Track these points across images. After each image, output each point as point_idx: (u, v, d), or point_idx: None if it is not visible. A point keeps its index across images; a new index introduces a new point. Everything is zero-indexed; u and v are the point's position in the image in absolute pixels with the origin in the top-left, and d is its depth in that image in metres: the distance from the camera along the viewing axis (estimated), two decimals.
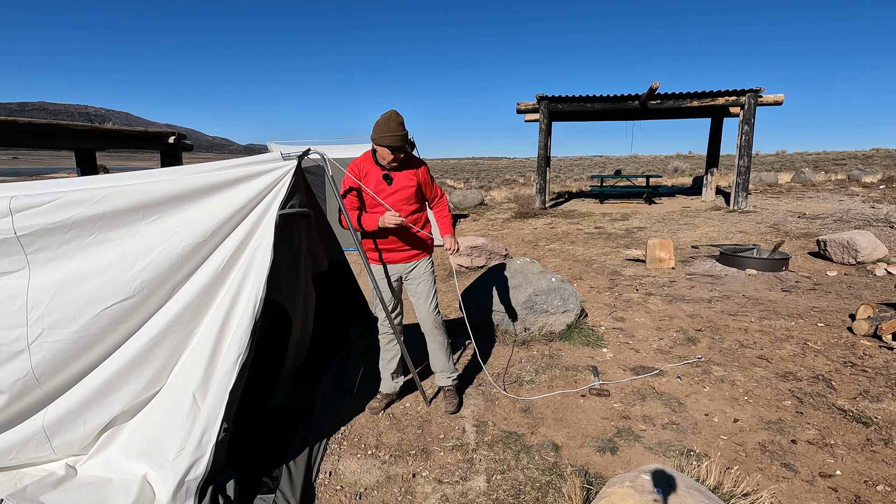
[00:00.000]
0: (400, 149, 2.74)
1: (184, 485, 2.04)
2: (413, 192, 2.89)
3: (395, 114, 2.70)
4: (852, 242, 6.33)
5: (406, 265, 3.01)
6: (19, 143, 5.68)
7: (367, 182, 2.83)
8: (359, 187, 2.83)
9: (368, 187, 2.81)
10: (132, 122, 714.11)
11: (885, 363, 3.49)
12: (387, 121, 2.69)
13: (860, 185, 13.82)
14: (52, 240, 2.13)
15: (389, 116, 2.69)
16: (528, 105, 12.24)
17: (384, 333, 3.08)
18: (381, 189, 2.83)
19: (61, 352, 2.14)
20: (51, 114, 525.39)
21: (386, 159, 2.77)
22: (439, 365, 3.14)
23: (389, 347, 3.10)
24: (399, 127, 2.70)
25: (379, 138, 2.70)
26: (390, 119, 2.69)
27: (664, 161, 40.18)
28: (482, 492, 2.35)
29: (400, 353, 3.08)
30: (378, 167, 2.84)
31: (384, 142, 2.70)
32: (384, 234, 2.88)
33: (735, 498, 2.11)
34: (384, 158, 2.77)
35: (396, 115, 2.70)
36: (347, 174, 2.83)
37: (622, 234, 9.31)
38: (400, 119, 2.71)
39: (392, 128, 2.68)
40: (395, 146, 2.71)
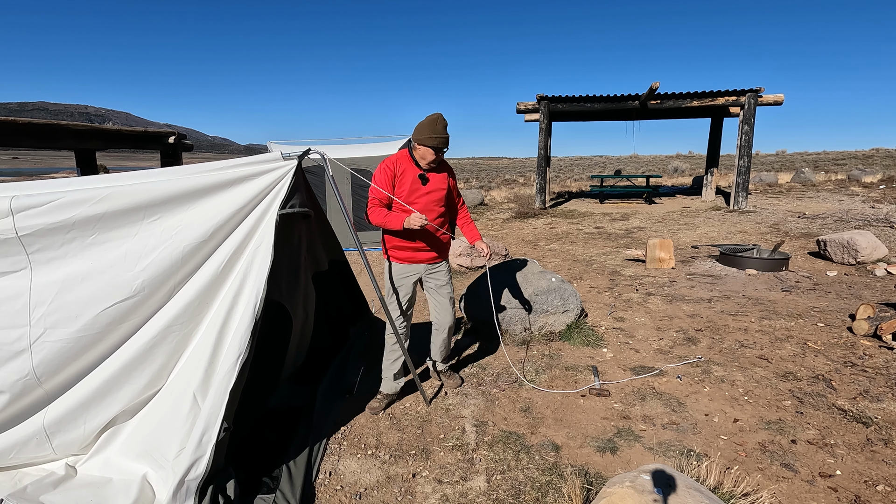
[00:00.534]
0: (442, 150, 2.85)
1: (184, 484, 2.04)
2: (444, 194, 2.98)
3: (441, 116, 2.82)
4: (852, 242, 6.33)
5: (428, 266, 3.07)
6: (19, 143, 5.68)
7: (402, 180, 2.89)
8: (391, 183, 2.88)
9: (404, 185, 2.88)
10: (132, 122, 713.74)
11: (885, 363, 3.49)
12: (433, 122, 2.80)
13: (860, 185, 13.82)
14: (53, 240, 2.13)
15: (436, 119, 2.81)
16: (528, 105, 12.24)
17: (391, 334, 3.08)
18: (416, 188, 2.90)
19: (62, 351, 2.14)
20: (51, 114, 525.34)
21: (426, 159, 2.86)
22: (442, 355, 3.31)
23: (395, 348, 3.09)
24: (444, 129, 2.81)
25: (424, 138, 2.79)
26: (437, 121, 2.80)
27: (664, 161, 40.18)
28: (482, 492, 2.35)
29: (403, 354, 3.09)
30: (415, 167, 2.91)
31: (429, 142, 2.79)
32: (413, 235, 2.92)
33: (735, 498, 2.11)
34: (424, 158, 2.86)
35: (442, 118, 2.82)
36: (382, 170, 2.88)
37: (622, 234, 9.31)
38: (445, 122, 2.83)
39: (438, 129, 2.79)
40: (439, 147, 2.81)
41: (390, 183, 2.87)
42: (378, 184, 2.86)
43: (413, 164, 2.91)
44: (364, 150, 8.76)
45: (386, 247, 3.01)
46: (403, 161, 2.91)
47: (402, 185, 2.88)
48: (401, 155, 2.94)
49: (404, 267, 3.02)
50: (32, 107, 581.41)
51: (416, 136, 2.83)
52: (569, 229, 9.98)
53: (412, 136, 2.86)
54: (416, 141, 2.84)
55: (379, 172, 2.89)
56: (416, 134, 2.83)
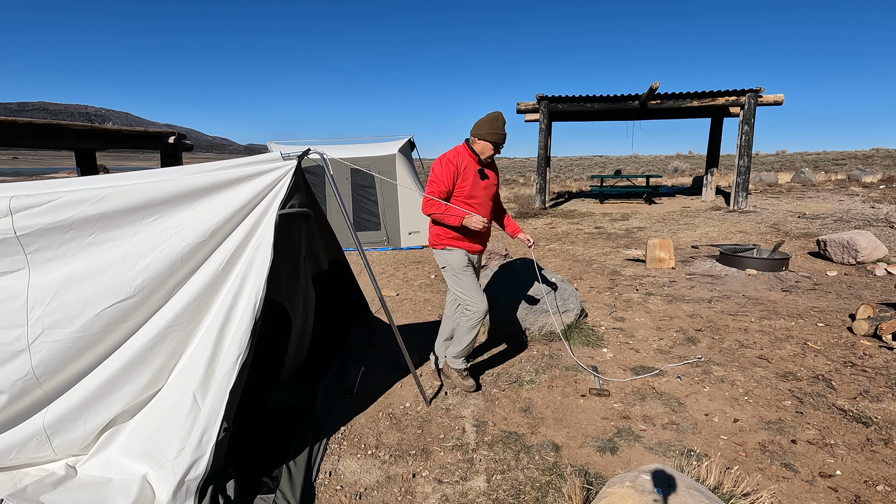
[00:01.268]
0: (500, 146, 3.02)
1: (184, 484, 2.04)
2: (496, 189, 3.19)
3: (501, 115, 3.00)
4: (852, 242, 6.33)
5: (477, 255, 3.25)
6: (19, 143, 5.68)
7: (466, 174, 3.02)
8: (453, 178, 3.00)
9: (467, 179, 3.02)
10: (132, 122, 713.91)
11: (885, 363, 3.49)
12: (494, 119, 2.97)
13: (860, 185, 13.82)
14: (52, 240, 2.13)
15: (496, 116, 2.98)
16: (528, 105, 12.24)
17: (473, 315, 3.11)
18: (476, 183, 3.05)
19: (62, 351, 2.14)
20: (51, 114, 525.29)
21: (485, 154, 3.02)
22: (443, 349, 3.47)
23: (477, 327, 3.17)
24: (503, 126, 2.99)
25: (486, 134, 2.97)
26: (497, 118, 2.97)
27: (664, 161, 40.18)
28: (482, 492, 2.35)
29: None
30: (475, 162, 3.04)
31: (490, 138, 2.97)
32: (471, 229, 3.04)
33: (735, 498, 2.11)
34: (483, 153, 3.02)
35: (502, 116, 2.99)
36: (445, 164, 2.99)
37: (622, 234, 9.31)
38: (504, 120, 3.00)
39: (498, 126, 2.97)
40: (498, 143, 2.99)
41: (453, 177, 2.99)
42: (440, 178, 2.98)
43: (473, 160, 3.04)
44: (364, 150, 8.76)
45: (443, 237, 3.10)
46: (464, 156, 3.04)
47: (465, 179, 3.01)
48: (460, 150, 3.06)
49: (465, 254, 3.13)
50: (32, 107, 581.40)
51: (477, 132, 2.99)
52: (569, 229, 9.98)
53: (472, 132, 3.03)
54: (476, 136, 3.01)
55: (440, 166, 3.00)
56: (476, 129, 3.00)
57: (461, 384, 3.27)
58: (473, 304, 3.10)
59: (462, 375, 3.29)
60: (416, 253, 8.34)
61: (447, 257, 3.12)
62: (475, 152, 3.03)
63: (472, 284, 3.11)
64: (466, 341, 3.20)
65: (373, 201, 8.63)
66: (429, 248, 8.62)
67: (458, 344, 3.24)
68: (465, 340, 3.20)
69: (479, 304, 3.10)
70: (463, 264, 3.10)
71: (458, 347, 3.24)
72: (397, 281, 6.51)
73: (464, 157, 3.03)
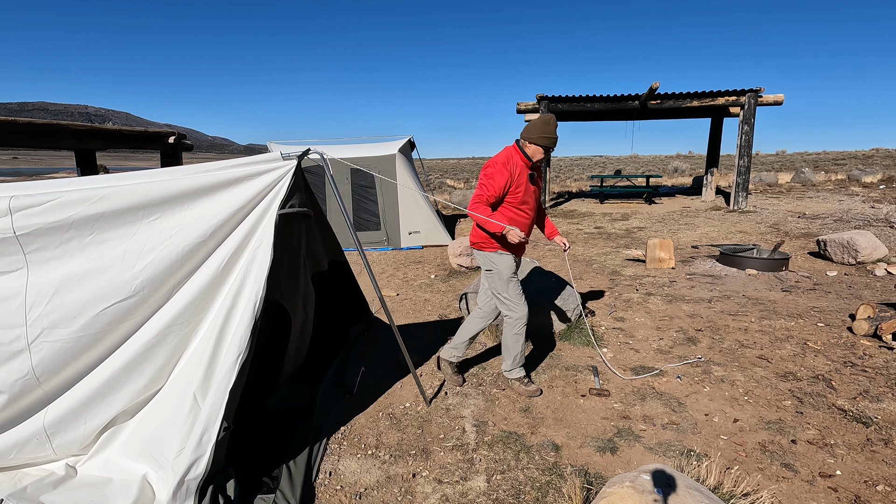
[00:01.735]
0: (550, 150, 3.03)
1: (184, 484, 2.04)
2: (539, 195, 3.19)
3: (553, 118, 3.00)
4: (852, 242, 6.33)
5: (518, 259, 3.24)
6: (19, 143, 5.68)
7: (519, 181, 3.01)
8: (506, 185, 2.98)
9: (521, 185, 3.02)
10: (132, 122, 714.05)
11: (885, 363, 3.49)
12: (546, 123, 2.96)
13: (860, 185, 13.82)
14: (51, 239, 2.13)
15: (549, 119, 2.97)
16: (528, 105, 12.23)
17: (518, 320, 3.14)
18: (528, 188, 3.07)
19: (61, 351, 2.14)
20: (51, 114, 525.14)
21: (536, 158, 3.02)
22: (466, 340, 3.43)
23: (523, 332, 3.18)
24: (555, 130, 2.98)
25: (538, 137, 2.95)
26: (549, 122, 2.96)
27: (664, 161, 40.18)
28: (482, 492, 2.35)
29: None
30: (526, 167, 3.04)
31: (541, 142, 2.96)
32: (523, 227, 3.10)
33: (735, 498, 2.11)
34: (535, 157, 3.02)
35: (554, 120, 3.00)
36: (500, 171, 2.97)
37: (622, 233, 9.31)
38: (556, 123, 3.01)
39: (550, 130, 2.96)
40: (549, 147, 3.00)
41: (506, 185, 2.97)
42: (493, 185, 2.95)
43: (525, 164, 3.04)
44: (364, 150, 8.76)
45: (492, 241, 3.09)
46: (517, 161, 3.02)
47: (518, 186, 3.00)
48: (511, 154, 3.04)
49: (513, 258, 3.15)
50: (32, 107, 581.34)
51: (529, 135, 2.97)
52: (569, 229, 9.98)
53: (523, 135, 3.01)
54: (527, 139, 2.99)
55: (497, 172, 2.97)
56: (528, 132, 2.98)
57: (524, 391, 3.22)
58: (516, 310, 3.12)
59: (524, 383, 3.26)
60: (416, 253, 8.34)
61: (496, 261, 3.10)
62: (527, 156, 3.02)
63: (516, 290, 3.14)
64: (516, 350, 3.21)
65: (373, 201, 8.63)
66: (428, 249, 8.62)
67: (508, 355, 3.24)
68: (514, 350, 3.21)
69: (521, 309, 3.13)
70: (511, 270, 3.11)
71: (508, 359, 3.25)
72: (397, 281, 6.51)
73: (517, 163, 3.00)
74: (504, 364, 3.30)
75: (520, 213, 3.07)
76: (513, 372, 3.28)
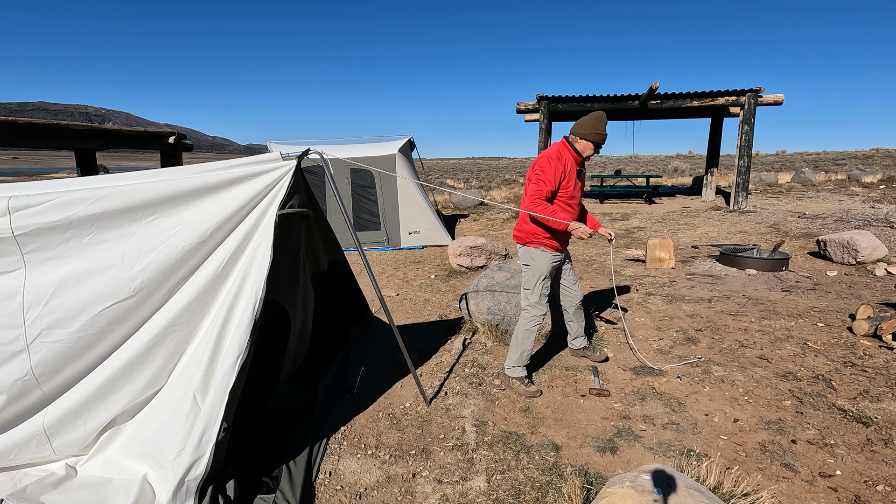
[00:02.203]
0: (600, 146, 3.08)
1: (184, 484, 2.04)
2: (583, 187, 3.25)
3: (604, 114, 3.05)
4: (852, 242, 6.33)
5: (565, 252, 3.34)
6: (19, 143, 5.68)
7: (570, 176, 3.08)
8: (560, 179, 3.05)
9: (571, 179, 3.09)
10: (132, 122, 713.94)
11: (885, 363, 3.49)
12: (598, 119, 3.01)
13: (860, 185, 13.82)
14: (49, 239, 2.13)
15: (600, 116, 3.02)
16: (528, 105, 12.23)
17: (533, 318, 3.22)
18: (577, 183, 3.14)
19: (61, 352, 2.14)
20: (51, 114, 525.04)
21: (586, 153, 3.08)
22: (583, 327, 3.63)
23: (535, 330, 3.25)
24: (605, 127, 3.04)
25: (588, 133, 3.02)
26: (601, 119, 3.02)
27: (664, 161, 40.18)
28: (482, 492, 2.35)
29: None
30: (575, 162, 3.11)
31: (592, 137, 3.02)
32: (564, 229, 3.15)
33: (735, 498, 2.11)
34: (584, 152, 3.08)
35: (605, 116, 3.05)
36: (554, 165, 3.03)
37: (622, 233, 9.31)
38: (607, 120, 3.06)
39: (601, 126, 3.01)
40: (599, 143, 3.05)
41: (559, 178, 3.03)
42: (549, 178, 3.00)
43: (575, 159, 3.10)
44: (364, 150, 8.76)
45: (539, 236, 3.15)
46: (567, 156, 3.09)
47: (569, 180, 3.07)
48: (561, 149, 3.10)
49: (555, 254, 3.21)
50: (32, 107, 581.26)
51: (580, 131, 3.03)
52: None
53: (573, 130, 3.07)
54: (578, 135, 3.05)
55: (550, 167, 3.02)
56: (579, 128, 3.04)
57: (525, 391, 3.21)
58: (536, 308, 3.20)
59: (524, 383, 3.26)
60: (416, 253, 8.34)
61: (536, 257, 3.17)
62: (577, 151, 3.08)
63: (543, 291, 3.21)
64: (524, 346, 3.23)
65: (373, 201, 8.63)
66: (428, 249, 8.62)
67: (516, 350, 3.26)
68: (522, 345, 3.24)
69: (540, 308, 3.21)
70: (548, 269, 3.18)
71: (515, 354, 3.26)
72: (397, 281, 6.51)
73: (567, 158, 3.07)
74: (508, 359, 3.31)
75: (567, 209, 3.13)
76: (514, 370, 3.29)
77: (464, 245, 6.82)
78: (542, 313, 3.22)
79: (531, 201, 3.00)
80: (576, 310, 3.55)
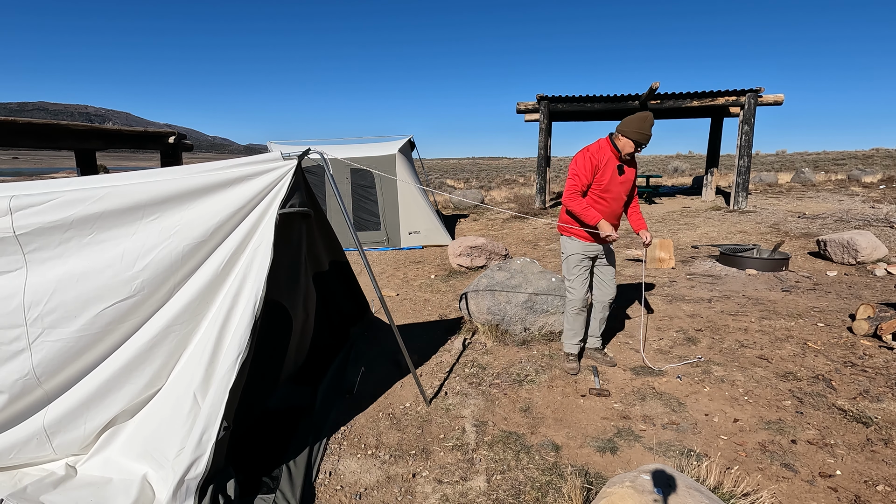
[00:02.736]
0: (642, 146, 3.14)
1: (184, 483, 2.04)
2: (631, 185, 3.34)
3: (651, 116, 3.09)
4: (852, 242, 6.33)
5: (603, 246, 3.45)
6: (19, 143, 5.68)
7: (605, 170, 3.19)
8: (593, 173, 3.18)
9: (606, 174, 3.19)
10: (132, 122, 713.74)
11: (885, 363, 3.49)
12: (642, 119, 3.07)
13: (860, 185, 13.82)
14: (50, 239, 2.13)
15: (645, 117, 3.08)
16: (528, 105, 12.23)
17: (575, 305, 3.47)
18: (614, 178, 3.21)
19: (62, 351, 2.14)
20: (51, 114, 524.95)
21: (625, 151, 3.15)
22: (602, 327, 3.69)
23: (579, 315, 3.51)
24: (650, 128, 3.08)
25: (630, 132, 3.08)
26: (646, 119, 3.08)
27: (664, 161, 40.18)
28: (482, 492, 2.35)
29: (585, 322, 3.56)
30: (615, 157, 3.19)
31: (634, 136, 3.08)
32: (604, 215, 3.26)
33: (735, 498, 2.11)
34: (624, 150, 3.15)
35: (651, 118, 3.10)
36: (588, 159, 3.16)
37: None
38: (653, 122, 3.11)
39: (646, 127, 3.07)
40: (641, 143, 3.11)
41: (592, 172, 3.18)
42: (581, 172, 3.17)
43: (614, 155, 3.19)
44: (364, 150, 8.76)
45: (570, 226, 3.37)
46: (606, 151, 3.19)
47: (604, 174, 3.18)
48: (603, 144, 3.22)
49: (588, 245, 3.37)
50: (32, 107, 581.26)
51: (623, 128, 3.11)
52: None
53: (618, 128, 3.14)
54: (621, 132, 3.12)
55: (583, 161, 3.18)
56: (623, 126, 3.11)
57: (563, 366, 3.56)
58: (572, 292, 3.47)
59: (566, 358, 3.60)
60: (416, 253, 8.34)
61: (566, 245, 3.44)
62: (617, 148, 3.16)
63: (577, 275, 3.42)
64: (569, 326, 3.54)
65: (373, 201, 8.63)
66: (428, 249, 8.62)
67: (566, 328, 3.58)
68: (567, 325, 3.55)
69: (577, 292, 3.45)
70: (578, 257, 3.39)
71: (566, 332, 3.59)
72: (397, 281, 6.51)
73: (605, 153, 3.18)
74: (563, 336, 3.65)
75: (600, 201, 3.25)
76: (565, 346, 3.62)
77: (464, 245, 6.82)
78: (580, 296, 3.44)
79: (567, 195, 3.23)
80: (602, 307, 3.60)
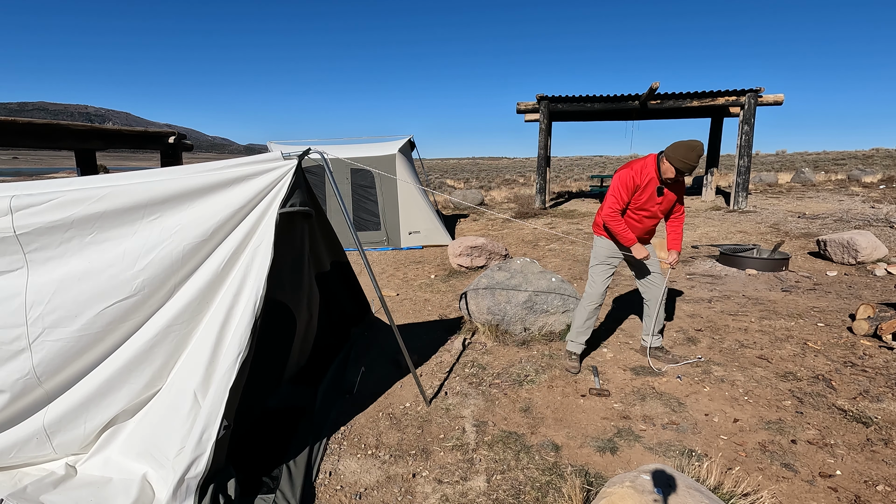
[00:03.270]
0: (684, 175, 3.18)
1: (184, 482, 2.04)
2: (671, 205, 3.39)
3: (700, 146, 3.09)
4: (852, 242, 6.33)
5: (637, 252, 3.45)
6: (19, 143, 5.68)
7: (646, 190, 3.26)
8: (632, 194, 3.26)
9: (645, 194, 3.26)
10: (132, 122, 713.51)
11: (885, 363, 3.49)
12: (690, 149, 3.08)
13: (860, 185, 13.82)
14: (51, 239, 2.13)
15: (694, 146, 3.08)
16: (528, 105, 12.23)
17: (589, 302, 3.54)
18: (652, 198, 3.28)
19: (62, 350, 2.14)
20: (51, 114, 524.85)
21: (666, 175, 3.19)
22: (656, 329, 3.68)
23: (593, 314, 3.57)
24: (697, 159, 3.09)
25: (674, 159, 3.10)
26: (694, 149, 3.07)
27: None
28: (482, 492, 2.35)
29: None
30: (657, 178, 3.24)
31: (677, 164, 3.10)
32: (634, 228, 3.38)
33: (735, 498, 2.11)
34: (665, 174, 3.19)
35: (700, 148, 3.09)
36: (629, 179, 3.23)
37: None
38: (702, 152, 3.10)
39: (692, 157, 3.07)
40: (682, 172, 3.14)
41: (631, 194, 3.25)
42: (620, 195, 3.24)
43: (656, 175, 3.23)
44: (364, 150, 8.76)
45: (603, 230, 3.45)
46: (650, 171, 3.23)
47: (644, 193, 3.25)
48: (649, 164, 3.24)
49: (613, 248, 3.45)
50: (32, 107, 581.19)
51: (670, 153, 3.12)
52: (569, 229, 9.98)
53: (666, 150, 3.16)
54: (666, 156, 3.15)
55: (623, 183, 3.24)
56: (670, 150, 3.13)
57: (564, 363, 3.64)
58: (589, 289, 3.54)
59: (568, 356, 3.66)
60: (416, 253, 8.34)
61: (596, 244, 3.53)
62: (660, 170, 3.21)
63: (598, 274, 3.50)
64: (577, 322, 3.59)
65: (373, 201, 8.63)
66: (428, 249, 8.62)
67: (573, 324, 3.62)
68: (576, 321, 3.60)
69: (593, 290, 3.52)
70: (605, 257, 3.47)
71: (573, 328, 3.62)
72: (397, 281, 6.51)
73: (649, 172, 3.23)
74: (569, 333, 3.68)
75: (633, 218, 3.35)
76: (569, 344, 3.65)
77: (464, 245, 6.82)
78: (595, 295, 3.51)
79: (607, 214, 3.28)
80: (655, 306, 3.59)
